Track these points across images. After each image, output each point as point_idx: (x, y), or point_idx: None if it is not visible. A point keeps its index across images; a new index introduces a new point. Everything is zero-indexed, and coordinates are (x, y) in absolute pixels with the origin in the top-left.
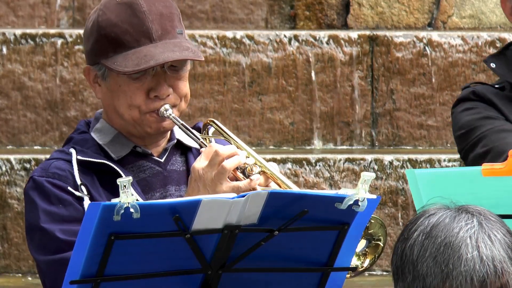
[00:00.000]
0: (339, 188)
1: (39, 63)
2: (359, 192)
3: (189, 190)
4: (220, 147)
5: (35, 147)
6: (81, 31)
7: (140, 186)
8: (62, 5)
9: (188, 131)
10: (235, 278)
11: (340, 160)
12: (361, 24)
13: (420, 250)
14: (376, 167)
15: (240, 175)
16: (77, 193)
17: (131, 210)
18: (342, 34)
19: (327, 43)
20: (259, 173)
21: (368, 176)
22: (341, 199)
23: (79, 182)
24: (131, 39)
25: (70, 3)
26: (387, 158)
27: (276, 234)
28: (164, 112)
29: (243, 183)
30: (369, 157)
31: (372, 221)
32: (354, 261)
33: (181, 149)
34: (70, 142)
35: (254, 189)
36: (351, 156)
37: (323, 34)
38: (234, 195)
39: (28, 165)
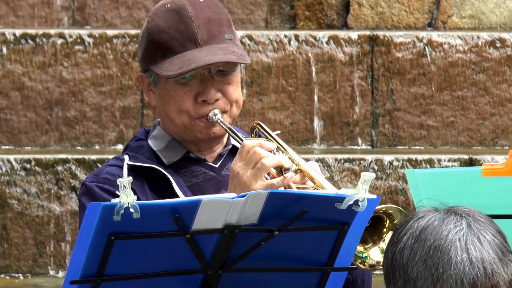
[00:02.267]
0: (339, 188)
1: (39, 63)
2: (359, 192)
3: (228, 189)
4: (257, 145)
5: (35, 147)
6: (81, 31)
7: (192, 191)
8: (62, 5)
9: (235, 136)
10: (235, 278)
11: (340, 160)
12: (361, 24)
13: (410, 254)
14: (376, 167)
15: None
16: None
17: (131, 210)
18: (342, 34)
19: (327, 43)
20: (295, 171)
21: (368, 176)
22: (341, 199)
23: None
24: (178, 44)
25: (70, 3)
26: (387, 158)
27: (276, 234)
28: (213, 117)
29: (276, 180)
30: (369, 157)
31: (390, 211)
32: (379, 258)
33: None
34: (127, 149)
35: (289, 186)
36: (351, 156)
37: (323, 34)
38: (234, 195)
39: (28, 165)
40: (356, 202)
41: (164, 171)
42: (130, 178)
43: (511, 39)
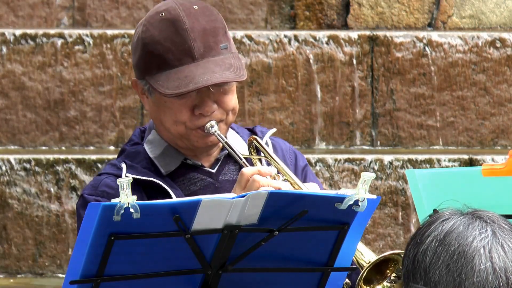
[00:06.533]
0: (339, 188)
1: (39, 63)
2: (359, 192)
3: None
4: (256, 173)
5: (35, 147)
6: (81, 31)
7: None
8: (62, 5)
9: (231, 150)
10: (235, 278)
11: (340, 160)
12: (361, 24)
13: (432, 257)
14: (376, 167)
15: None
16: None
17: (131, 210)
18: (342, 34)
19: (327, 43)
20: None
21: (368, 176)
22: (341, 199)
23: None
24: (174, 57)
25: (70, 3)
26: (387, 158)
27: (276, 234)
28: (210, 128)
29: None
30: (369, 157)
31: (396, 257)
32: None
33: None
34: (122, 155)
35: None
36: (351, 156)
37: (323, 34)
38: (234, 195)
39: (28, 165)
40: (356, 202)
41: (163, 184)
42: (130, 178)
43: (511, 39)
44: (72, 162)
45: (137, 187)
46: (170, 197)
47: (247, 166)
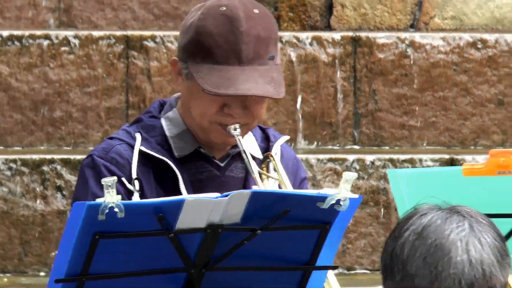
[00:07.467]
0: (322, 187)
1: (25, 64)
2: (341, 191)
3: None
4: None
5: (21, 148)
6: (67, 33)
7: (193, 187)
8: (48, 6)
9: (247, 159)
10: (218, 277)
11: (322, 160)
12: (344, 25)
13: (410, 250)
14: (358, 167)
15: None
16: (129, 186)
17: (116, 209)
18: (325, 35)
19: (310, 44)
20: None
21: (350, 176)
22: (323, 198)
23: (134, 175)
24: (221, 54)
25: (56, 5)
26: (369, 158)
27: (259, 233)
28: (232, 130)
29: None
30: (351, 157)
31: None
32: None
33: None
34: (138, 124)
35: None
36: (333, 156)
37: (306, 36)
38: (218, 194)
39: (14, 165)
40: (338, 202)
41: (174, 167)
42: (115, 178)
43: (492, 40)
44: (57, 162)
45: (147, 162)
46: (177, 179)
47: (258, 180)
